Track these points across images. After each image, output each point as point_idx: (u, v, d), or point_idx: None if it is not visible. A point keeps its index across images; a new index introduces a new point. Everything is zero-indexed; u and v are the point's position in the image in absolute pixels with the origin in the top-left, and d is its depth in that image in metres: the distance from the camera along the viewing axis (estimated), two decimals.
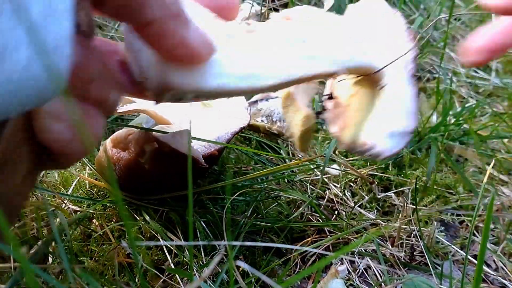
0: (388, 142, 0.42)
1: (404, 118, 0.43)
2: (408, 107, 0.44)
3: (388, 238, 0.64)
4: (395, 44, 0.46)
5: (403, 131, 0.43)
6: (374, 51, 0.44)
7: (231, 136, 0.58)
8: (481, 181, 0.79)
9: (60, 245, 0.41)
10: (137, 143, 0.49)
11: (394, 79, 0.45)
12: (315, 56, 0.40)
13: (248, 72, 0.36)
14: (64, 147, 0.32)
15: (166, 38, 0.32)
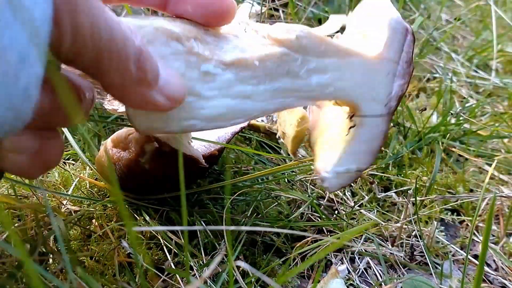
0: (334, 179, 0.43)
1: (355, 159, 0.44)
2: (368, 147, 0.44)
3: (388, 238, 0.64)
4: (385, 77, 0.43)
5: (349, 171, 0.44)
6: (352, 84, 0.43)
7: (231, 136, 0.58)
8: (481, 181, 0.79)
9: (61, 244, 0.41)
10: (137, 143, 0.49)
11: (367, 114, 0.44)
12: (294, 90, 0.41)
13: (217, 114, 0.38)
14: (24, 174, 0.34)
15: (129, 100, 0.34)
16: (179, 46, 0.37)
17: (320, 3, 1.27)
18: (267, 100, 0.40)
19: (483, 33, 1.32)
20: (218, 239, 0.56)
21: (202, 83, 0.38)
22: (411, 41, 0.44)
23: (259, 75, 0.40)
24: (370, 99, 0.43)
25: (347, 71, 0.42)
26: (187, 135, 0.51)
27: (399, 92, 0.44)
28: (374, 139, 0.44)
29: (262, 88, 0.40)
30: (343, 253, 0.61)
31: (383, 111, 0.44)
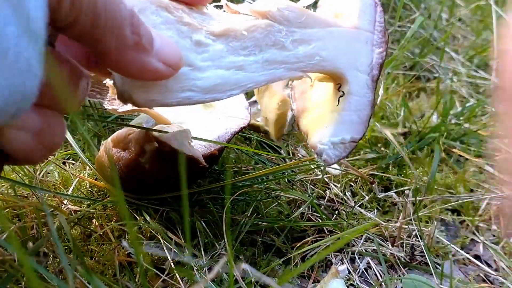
0: (330, 151, 0.44)
1: (348, 128, 0.45)
2: (359, 116, 0.46)
3: (389, 238, 0.64)
4: (364, 46, 0.46)
5: (344, 141, 0.45)
6: (336, 53, 0.45)
7: (231, 136, 0.58)
8: (481, 180, 0.79)
9: (58, 244, 0.41)
10: (137, 143, 0.49)
11: (353, 83, 0.46)
12: (282, 62, 0.42)
13: (213, 84, 0.39)
14: (28, 156, 0.33)
15: (125, 67, 0.33)
16: (169, 15, 0.37)
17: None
18: (258, 71, 0.41)
19: (483, 33, 1.32)
20: (218, 239, 0.56)
21: (195, 53, 0.38)
22: (381, 12, 0.47)
23: (248, 46, 0.41)
24: (354, 68, 0.45)
25: (329, 40, 0.45)
26: (187, 135, 0.51)
27: (378, 60, 0.46)
28: (363, 108, 0.46)
29: (253, 59, 0.41)
30: (343, 253, 0.60)
31: (368, 80, 0.46)
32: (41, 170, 0.61)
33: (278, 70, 0.42)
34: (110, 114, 0.75)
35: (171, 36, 0.37)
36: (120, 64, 0.33)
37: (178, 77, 0.37)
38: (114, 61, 0.32)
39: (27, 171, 0.59)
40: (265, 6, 0.42)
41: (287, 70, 0.43)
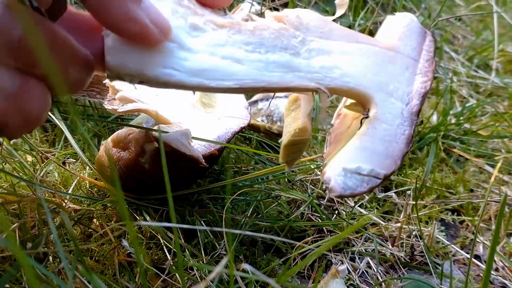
0: (340, 178, 0.36)
1: (369, 158, 0.37)
2: (386, 147, 0.38)
3: (389, 238, 0.64)
4: (402, 71, 0.41)
5: (360, 171, 0.37)
6: (363, 70, 0.40)
7: (231, 136, 0.58)
8: (481, 180, 0.79)
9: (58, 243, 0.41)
10: (137, 143, 0.49)
11: (382, 108, 0.40)
12: (293, 68, 0.39)
13: (201, 69, 0.36)
14: (1, 120, 0.32)
15: (110, 12, 0.31)
16: None
17: (321, 2, 1.27)
18: (261, 70, 0.38)
19: (484, 33, 1.32)
20: (218, 239, 0.56)
21: (187, 34, 0.36)
22: (431, 41, 0.43)
23: (253, 42, 0.38)
24: (385, 92, 0.40)
25: (356, 56, 0.40)
26: (187, 135, 0.51)
27: (421, 89, 0.40)
28: (393, 140, 0.39)
29: (256, 57, 0.38)
30: (343, 253, 0.60)
31: (404, 109, 0.40)
32: (41, 170, 0.61)
33: (287, 75, 0.39)
34: (110, 114, 0.75)
35: (164, 11, 0.35)
36: (105, 8, 0.31)
37: (162, 51, 0.35)
38: (99, 4, 0.31)
39: (27, 171, 0.59)
40: (284, 12, 0.40)
41: (298, 77, 0.39)
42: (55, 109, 0.72)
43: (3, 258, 0.51)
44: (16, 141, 0.69)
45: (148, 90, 0.62)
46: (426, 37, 0.43)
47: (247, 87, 0.38)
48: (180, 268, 0.37)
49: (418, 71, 0.42)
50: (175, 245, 0.40)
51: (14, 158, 0.60)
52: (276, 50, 0.39)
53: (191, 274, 0.52)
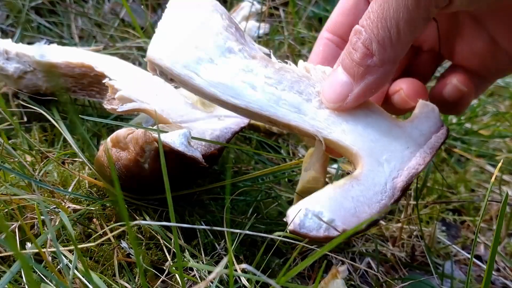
0: (299, 217, 0.37)
1: (335, 210, 0.38)
2: (356, 208, 0.38)
3: (389, 238, 0.64)
4: (402, 148, 0.42)
5: (320, 217, 0.37)
6: (363, 133, 0.42)
7: (231, 136, 0.57)
8: (482, 180, 0.78)
9: (56, 244, 0.40)
10: (137, 143, 0.49)
11: (366, 172, 0.41)
12: (300, 110, 0.43)
13: (218, 82, 0.42)
14: None
15: None
16: (222, 20, 0.44)
17: (321, 1, 1.26)
18: (270, 101, 0.43)
19: None
20: (218, 239, 0.56)
21: (221, 53, 0.43)
22: (443, 134, 0.44)
23: (274, 78, 0.43)
24: (376, 159, 0.41)
25: (360, 121, 0.43)
26: (187, 135, 0.51)
27: (413, 170, 0.41)
28: (366, 203, 0.39)
29: (271, 90, 0.43)
30: (343, 253, 0.60)
31: (389, 181, 0.41)
32: (40, 170, 0.60)
33: (292, 114, 0.43)
34: (109, 113, 0.75)
35: (211, 27, 0.44)
36: None
37: (194, 59, 0.42)
38: None
39: (27, 171, 0.59)
40: (313, 65, 0.45)
41: (301, 119, 0.43)
42: (54, 109, 0.72)
43: (2, 258, 0.50)
44: (16, 141, 0.69)
45: (147, 90, 0.61)
46: (441, 130, 0.44)
47: (253, 111, 0.43)
48: (179, 269, 0.37)
49: (417, 154, 0.43)
50: (175, 246, 0.39)
51: (13, 158, 0.60)
52: (291, 90, 0.44)
53: (191, 274, 0.52)
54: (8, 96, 0.73)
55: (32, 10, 1.03)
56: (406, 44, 0.40)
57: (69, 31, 1.01)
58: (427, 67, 0.53)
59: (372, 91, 0.42)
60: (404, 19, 0.37)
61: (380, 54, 0.39)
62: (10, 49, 0.68)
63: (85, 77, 0.67)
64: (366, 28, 0.39)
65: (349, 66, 0.41)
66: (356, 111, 0.44)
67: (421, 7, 0.37)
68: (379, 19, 0.38)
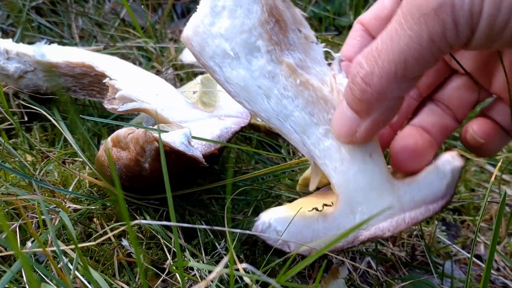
0: (264, 226, 0.42)
1: (292, 233, 0.42)
2: (317, 240, 0.42)
3: (389, 238, 0.64)
4: (383, 206, 0.42)
5: (277, 232, 0.43)
6: (347, 181, 0.42)
7: (231, 135, 0.57)
8: (482, 180, 0.78)
9: (56, 243, 0.41)
10: (137, 142, 0.49)
11: (338, 219, 0.43)
12: (305, 132, 0.43)
13: (235, 82, 0.42)
14: None
15: None
16: (262, 13, 0.41)
17: (321, 1, 1.27)
18: (279, 115, 0.43)
19: None
20: (218, 239, 0.56)
21: (247, 51, 0.42)
22: (434, 209, 0.42)
23: (291, 92, 0.42)
24: (351, 207, 0.42)
25: (358, 165, 0.42)
26: (187, 134, 0.51)
27: (379, 232, 0.42)
28: (323, 240, 0.42)
29: (284, 104, 0.42)
30: (344, 253, 0.60)
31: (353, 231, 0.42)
32: (40, 169, 0.60)
33: (296, 133, 0.43)
34: (110, 113, 0.75)
35: (241, 20, 0.41)
36: None
37: (220, 52, 0.42)
38: None
39: (27, 170, 0.59)
40: (341, 86, 0.43)
41: (301, 141, 0.43)
42: (55, 108, 0.72)
43: (3, 258, 0.50)
44: (16, 140, 0.69)
45: (148, 90, 0.62)
46: (438, 201, 0.43)
47: (258, 115, 0.43)
48: (180, 268, 0.37)
49: (395, 218, 0.42)
50: (175, 245, 0.39)
51: (14, 158, 0.60)
52: (304, 110, 0.43)
53: (191, 274, 0.52)
54: (9, 96, 0.73)
55: (33, 10, 1.03)
56: (412, 80, 0.37)
57: (70, 31, 1.01)
58: (463, 92, 0.48)
59: (380, 126, 0.40)
60: (414, 55, 0.35)
61: (382, 89, 0.37)
62: (10, 49, 0.68)
63: (86, 77, 0.67)
64: (369, 60, 0.37)
65: (352, 101, 0.39)
66: (357, 152, 0.42)
67: (434, 46, 0.34)
68: (387, 51, 0.36)
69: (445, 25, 0.33)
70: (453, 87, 0.48)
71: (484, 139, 0.44)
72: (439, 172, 0.43)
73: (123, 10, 1.11)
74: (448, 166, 0.43)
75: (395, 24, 0.36)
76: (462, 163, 0.44)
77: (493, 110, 0.46)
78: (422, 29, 0.34)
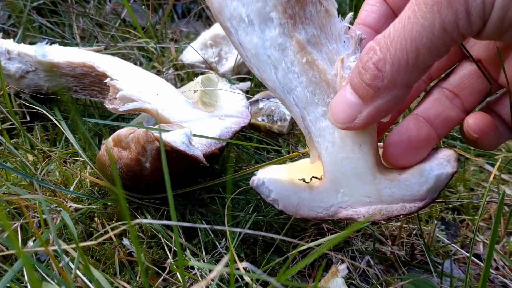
0: (259, 183, 0.44)
1: (282, 197, 0.45)
2: (301, 207, 0.45)
3: (389, 237, 0.64)
4: (365, 194, 0.44)
5: (271, 194, 0.45)
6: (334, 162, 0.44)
7: (232, 135, 0.58)
8: (481, 179, 0.79)
9: (57, 243, 0.41)
10: (138, 142, 0.49)
11: (321, 193, 0.45)
12: (304, 106, 0.44)
13: (248, 48, 0.43)
14: None
15: None
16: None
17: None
18: (284, 86, 0.44)
19: None
20: (218, 238, 0.56)
21: (261, 19, 0.42)
22: (410, 209, 0.43)
23: (298, 68, 0.43)
24: (336, 187, 0.44)
25: (347, 151, 0.43)
26: (188, 134, 0.51)
27: (355, 216, 0.44)
28: (307, 207, 0.45)
29: (290, 78, 0.43)
30: (343, 252, 0.61)
31: (333, 207, 0.45)
32: (42, 169, 0.61)
33: (296, 108, 0.44)
34: (111, 113, 0.76)
35: None
36: None
37: (237, 16, 0.42)
38: None
39: (29, 170, 0.59)
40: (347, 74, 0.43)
41: (301, 116, 0.44)
42: (56, 108, 0.72)
43: (4, 257, 0.51)
44: (17, 140, 0.69)
45: (149, 90, 0.62)
46: (415, 203, 0.44)
47: (263, 81, 0.45)
48: (180, 267, 0.37)
49: (372, 207, 0.44)
50: (176, 244, 0.40)
51: (15, 157, 0.60)
52: (306, 88, 0.44)
53: (191, 273, 0.52)
54: (10, 96, 0.73)
55: (34, 10, 1.03)
56: (422, 70, 0.38)
57: (71, 31, 1.01)
58: (474, 80, 0.48)
59: (382, 114, 0.40)
60: (426, 44, 0.35)
61: (393, 77, 0.37)
62: (12, 49, 0.69)
63: (87, 77, 0.68)
64: (382, 46, 0.37)
65: (358, 86, 0.39)
66: (348, 140, 0.43)
67: (447, 37, 0.35)
68: (399, 39, 0.36)
69: (458, 14, 0.34)
70: (464, 73, 0.47)
71: (477, 134, 0.44)
72: (422, 177, 0.43)
73: (123, 11, 1.12)
74: (436, 171, 0.43)
75: (408, 11, 0.36)
76: (455, 169, 0.43)
77: (499, 103, 0.46)
78: (435, 18, 0.34)
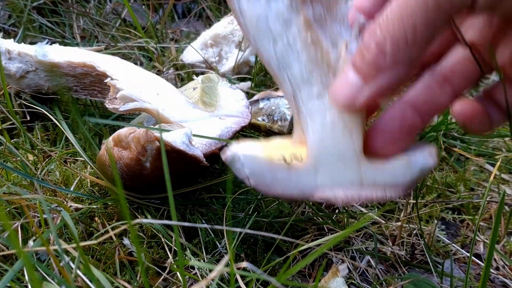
0: (232, 156, 0.43)
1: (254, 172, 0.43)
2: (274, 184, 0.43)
3: (389, 237, 0.64)
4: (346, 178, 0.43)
5: (245, 169, 0.43)
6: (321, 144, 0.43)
7: (232, 135, 0.58)
8: (482, 179, 0.79)
9: (58, 242, 0.41)
10: (139, 142, 0.49)
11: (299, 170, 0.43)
12: (299, 87, 0.43)
13: (250, 20, 0.42)
14: None
15: None
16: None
17: None
18: (280, 61, 0.42)
19: None
20: (219, 237, 0.56)
21: (275, 12, 0.41)
22: (390, 196, 0.43)
23: (300, 44, 0.42)
24: (317, 168, 0.43)
25: (335, 136, 0.42)
26: (188, 134, 0.51)
27: (331, 196, 0.43)
28: (281, 186, 0.43)
29: (288, 53, 0.42)
30: (343, 252, 0.61)
31: (313, 187, 0.43)
32: (42, 169, 0.61)
33: (290, 86, 0.43)
34: (111, 113, 0.76)
35: None
36: None
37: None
38: None
39: (29, 170, 0.59)
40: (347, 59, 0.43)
41: (291, 95, 0.43)
42: (56, 108, 0.73)
43: (4, 257, 0.51)
44: (18, 140, 0.69)
45: (149, 90, 0.62)
46: (398, 190, 0.43)
47: (258, 52, 0.43)
48: (181, 267, 0.37)
49: (351, 191, 0.43)
50: (176, 244, 0.40)
51: (15, 157, 0.60)
52: (306, 66, 0.42)
53: (192, 273, 0.52)
54: (11, 96, 0.73)
55: (34, 10, 1.03)
56: (421, 47, 0.38)
57: (71, 31, 1.01)
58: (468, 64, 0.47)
59: (383, 94, 0.41)
60: (421, 20, 0.36)
61: (394, 54, 0.38)
62: (12, 49, 0.69)
63: (87, 77, 0.68)
64: (381, 26, 0.38)
65: (360, 66, 0.40)
66: (339, 126, 0.43)
67: (441, 9, 0.36)
68: (396, 18, 0.37)
69: None
70: (458, 58, 0.47)
71: (461, 120, 0.45)
72: (409, 168, 0.43)
73: (124, 10, 1.12)
74: (421, 164, 0.43)
75: None
76: (436, 162, 0.43)
77: (496, 90, 0.46)
78: None
